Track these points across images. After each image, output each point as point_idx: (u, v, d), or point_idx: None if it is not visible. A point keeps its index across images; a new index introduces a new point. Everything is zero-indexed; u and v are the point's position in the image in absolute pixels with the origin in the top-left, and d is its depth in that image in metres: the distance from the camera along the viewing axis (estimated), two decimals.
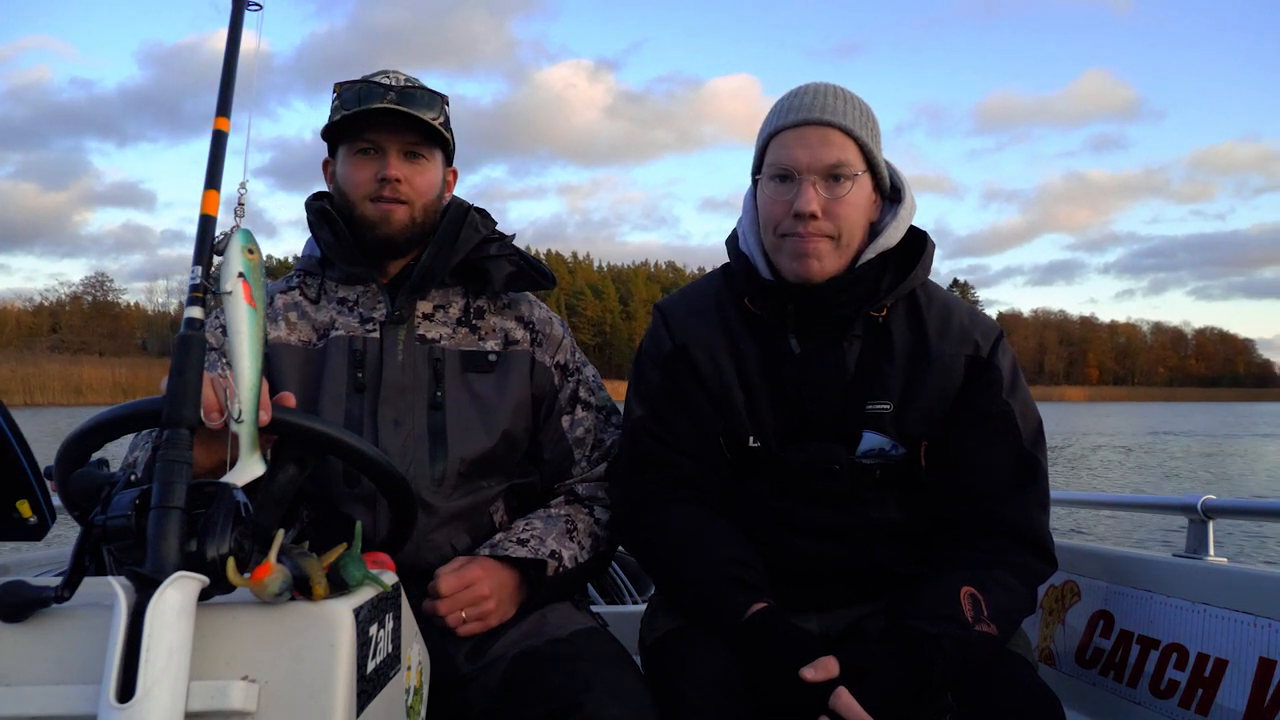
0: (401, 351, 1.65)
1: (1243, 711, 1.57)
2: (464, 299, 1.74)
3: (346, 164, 1.66)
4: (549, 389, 1.75)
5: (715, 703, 1.34)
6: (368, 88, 1.62)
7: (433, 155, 1.69)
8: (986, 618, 1.39)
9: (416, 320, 1.68)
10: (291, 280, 1.75)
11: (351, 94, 1.63)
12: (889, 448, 1.58)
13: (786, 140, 1.56)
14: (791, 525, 1.59)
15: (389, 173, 1.62)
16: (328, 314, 1.68)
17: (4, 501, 1.39)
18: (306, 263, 1.76)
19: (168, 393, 0.94)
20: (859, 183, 1.55)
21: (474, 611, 1.49)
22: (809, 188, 1.52)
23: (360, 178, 1.64)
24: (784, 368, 1.60)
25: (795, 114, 1.56)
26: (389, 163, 1.63)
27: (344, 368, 1.63)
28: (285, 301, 1.70)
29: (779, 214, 1.56)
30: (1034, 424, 1.59)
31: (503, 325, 1.74)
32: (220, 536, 0.86)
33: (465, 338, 1.70)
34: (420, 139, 1.65)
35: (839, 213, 1.54)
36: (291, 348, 1.66)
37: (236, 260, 0.98)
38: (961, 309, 1.67)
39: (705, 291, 1.72)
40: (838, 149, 1.53)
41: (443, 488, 1.61)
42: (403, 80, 1.66)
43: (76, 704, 0.83)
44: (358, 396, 1.62)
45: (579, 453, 1.75)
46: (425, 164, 1.68)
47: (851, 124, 1.54)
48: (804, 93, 1.59)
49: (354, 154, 1.65)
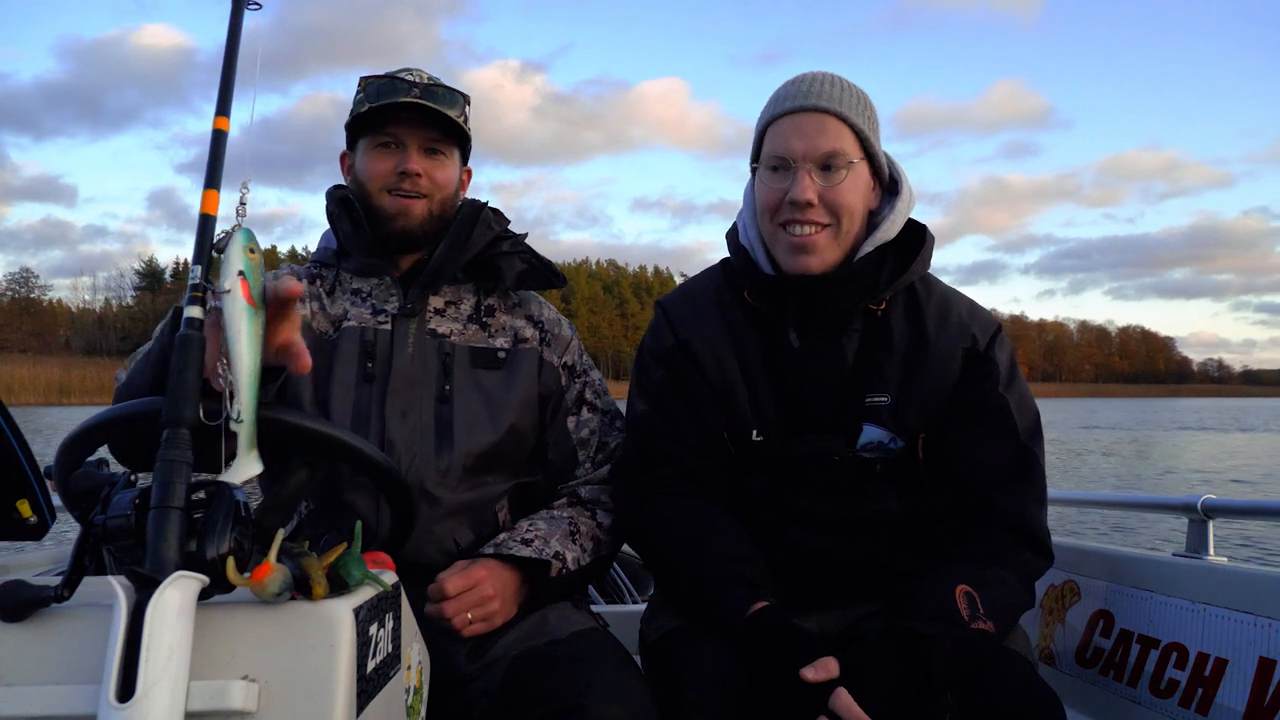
0: (412, 344, 1.67)
1: (1243, 711, 1.57)
2: (475, 296, 1.76)
3: (367, 156, 1.69)
4: (556, 389, 1.76)
5: (715, 703, 1.34)
6: (393, 83, 1.65)
7: (451, 152, 1.72)
8: (983, 615, 1.39)
9: (428, 315, 1.70)
10: (311, 269, 1.77)
11: (376, 88, 1.66)
12: (888, 440, 1.58)
13: (782, 128, 1.56)
14: (793, 518, 1.59)
15: (409, 166, 1.65)
16: (341, 306, 1.70)
17: (4, 501, 1.39)
18: (322, 254, 1.78)
19: (168, 392, 0.94)
20: (855, 170, 1.55)
21: (479, 612, 1.49)
22: (804, 176, 1.52)
23: (380, 169, 1.67)
24: (784, 361, 1.61)
25: (791, 101, 1.56)
26: (410, 156, 1.66)
27: (354, 357, 1.65)
28: (309, 291, 1.72)
29: (775, 202, 1.56)
30: (1031, 418, 1.59)
31: (512, 323, 1.76)
32: (220, 536, 0.86)
33: (475, 334, 1.72)
34: (441, 135, 1.68)
35: (835, 200, 1.53)
36: (311, 332, 1.67)
37: (237, 259, 0.98)
38: (961, 302, 1.67)
39: (705, 286, 1.73)
40: (833, 137, 1.53)
41: (447, 479, 1.62)
42: (426, 78, 1.69)
43: (76, 704, 0.83)
44: (367, 386, 1.64)
45: (583, 454, 1.76)
46: (444, 160, 1.70)
47: (848, 111, 1.54)
48: (800, 80, 1.58)
49: (375, 147, 1.68)
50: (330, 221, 1.75)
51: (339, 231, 1.73)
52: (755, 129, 1.64)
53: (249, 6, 1.17)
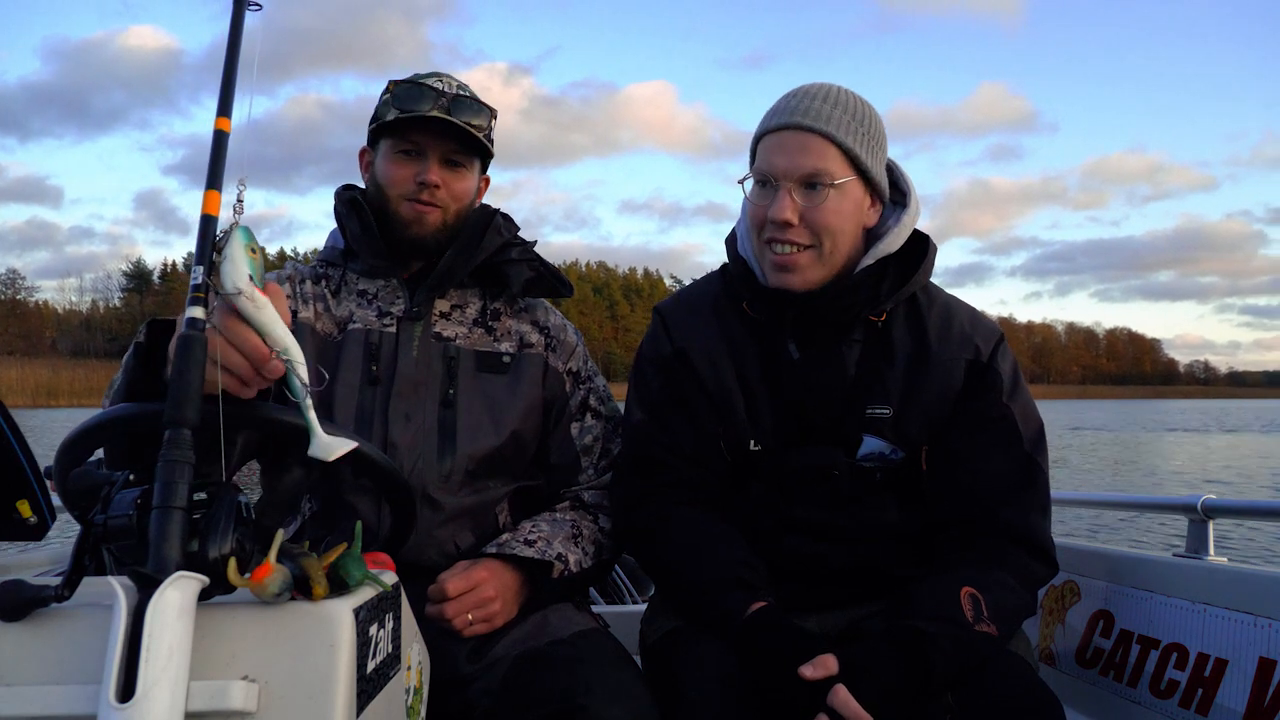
0: (417, 347, 1.66)
1: (1243, 711, 1.57)
2: (481, 300, 1.76)
3: (387, 160, 1.68)
4: (560, 395, 1.76)
5: (715, 703, 1.34)
6: (421, 90, 1.64)
7: (472, 164, 1.72)
8: (986, 618, 1.39)
9: (434, 318, 1.70)
10: (317, 269, 1.76)
11: (404, 94, 1.64)
12: (889, 452, 1.58)
13: (769, 144, 1.55)
14: (792, 528, 1.59)
15: (429, 177, 1.64)
16: (347, 308, 1.70)
17: (4, 501, 1.39)
18: (329, 254, 1.77)
19: (169, 393, 0.94)
20: (842, 190, 1.52)
21: (480, 613, 1.49)
22: (784, 195, 1.51)
23: (400, 176, 1.66)
24: (783, 372, 1.60)
25: (779, 117, 1.54)
26: (430, 167, 1.65)
27: (359, 359, 1.64)
28: (314, 291, 1.71)
29: (759, 218, 1.55)
30: (1035, 427, 1.58)
31: (518, 328, 1.76)
32: (222, 537, 0.86)
33: (481, 338, 1.72)
34: (461, 148, 1.68)
35: (817, 221, 1.51)
36: (316, 334, 1.67)
37: (243, 260, 0.98)
38: (962, 312, 1.65)
39: (704, 294, 1.72)
40: (815, 156, 1.50)
41: (449, 484, 1.62)
42: (455, 86, 1.68)
43: (76, 704, 0.83)
44: (371, 389, 1.63)
45: (586, 460, 1.76)
46: (464, 172, 1.70)
47: (834, 130, 1.51)
48: (793, 95, 1.57)
49: (396, 152, 1.67)
50: (338, 221, 1.75)
51: (347, 232, 1.73)
52: (751, 140, 1.63)
53: (250, 7, 1.17)
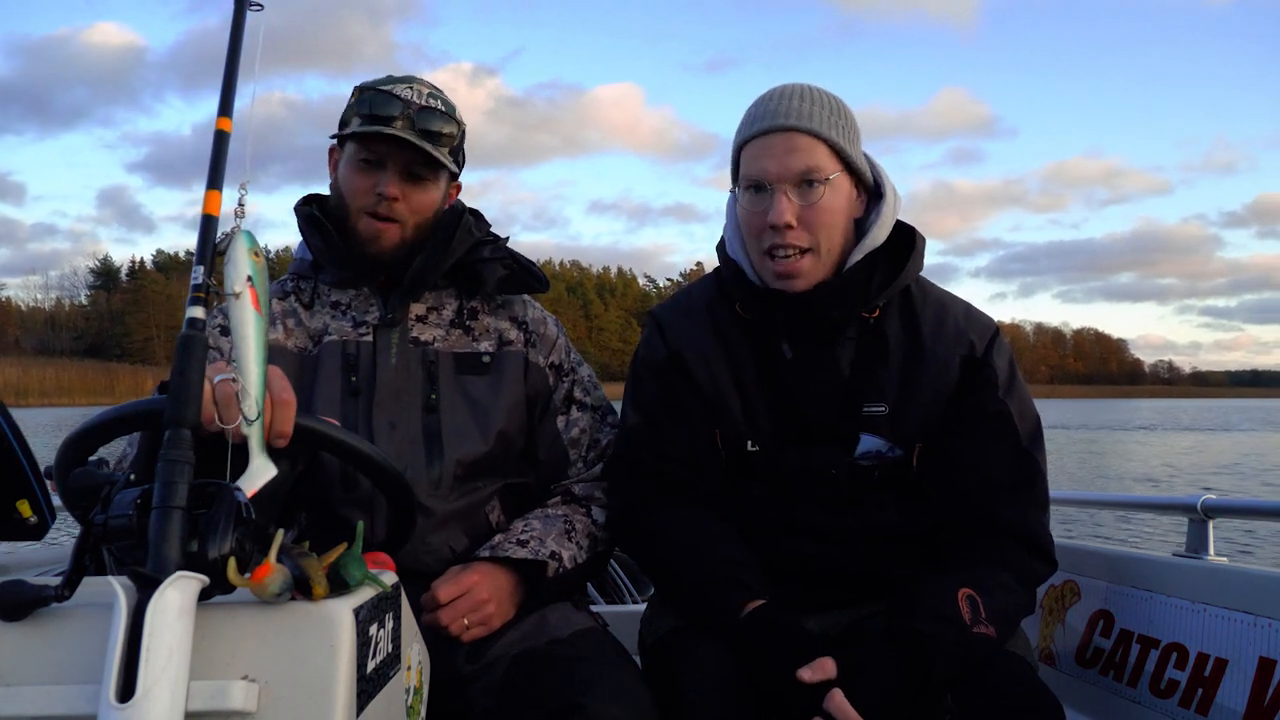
0: (395, 354, 1.64)
1: (1243, 711, 1.56)
2: (457, 300, 1.73)
3: (350, 168, 1.65)
4: (543, 390, 1.74)
5: (715, 703, 1.34)
6: (388, 99, 1.59)
7: (436, 176, 1.67)
8: (985, 619, 1.39)
9: (410, 323, 1.67)
10: (286, 285, 1.74)
11: (370, 102, 1.60)
12: (886, 450, 1.58)
13: (755, 150, 1.54)
14: (790, 528, 1.58)
15: (387, 190, 1.60)
16: (321, 320, 1.68)
17: (4, 501, 1.39)
18: (299, 265, 1.75)
19: (170, 393, 0.94)
20: (834, 185, 1.52)
21: (475, 617, 1.48)
22: (781, 198, 1.50)
23: (360, 186, 1.63)
24: (778, 372, 1.60)
25: (760, 122, 1.54)
26: (388, 181, 1.61)
27: (337, 372, 1.62)
28: (282, 309, 1.69)
29: (757, 225, 1.54)
30: (1032, 423, 1.58)
31: (496, 326, 1.74)
32: (222, 537, 0.86)
33: (459, 339, 1.70)
34: (424, 162, 1.63)
35: (815, 220, 1.51)
36: (289, 353, 1.65)
37: (244, 263, 0.98)
38: (957, 306, 1.65)
39: (698, 297, 1.72)
40: (805, 154, 1.50)
41: (439, 490, 1.61)
42: (425, 95, 1.63)
43: (76, 704, 0.83)
44: (352, 400, 1.61)
45: (575, 453, 1.75)
46: (427, 184, 1.65)
47: (818, 126, 1.51)
48: (768, 99, 1.56)
49: (359, 160, 1.63)
50: (302, 236, 1.72)
51: (312, 247, 1.70)
52: (731, 150, 1.62)
53: (251, 7, 1.17)
